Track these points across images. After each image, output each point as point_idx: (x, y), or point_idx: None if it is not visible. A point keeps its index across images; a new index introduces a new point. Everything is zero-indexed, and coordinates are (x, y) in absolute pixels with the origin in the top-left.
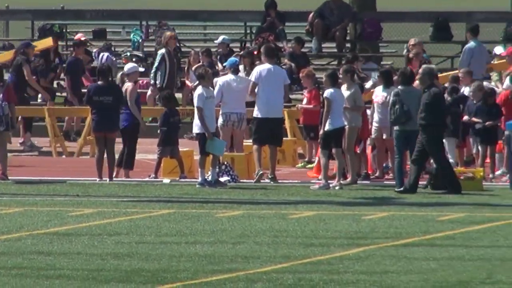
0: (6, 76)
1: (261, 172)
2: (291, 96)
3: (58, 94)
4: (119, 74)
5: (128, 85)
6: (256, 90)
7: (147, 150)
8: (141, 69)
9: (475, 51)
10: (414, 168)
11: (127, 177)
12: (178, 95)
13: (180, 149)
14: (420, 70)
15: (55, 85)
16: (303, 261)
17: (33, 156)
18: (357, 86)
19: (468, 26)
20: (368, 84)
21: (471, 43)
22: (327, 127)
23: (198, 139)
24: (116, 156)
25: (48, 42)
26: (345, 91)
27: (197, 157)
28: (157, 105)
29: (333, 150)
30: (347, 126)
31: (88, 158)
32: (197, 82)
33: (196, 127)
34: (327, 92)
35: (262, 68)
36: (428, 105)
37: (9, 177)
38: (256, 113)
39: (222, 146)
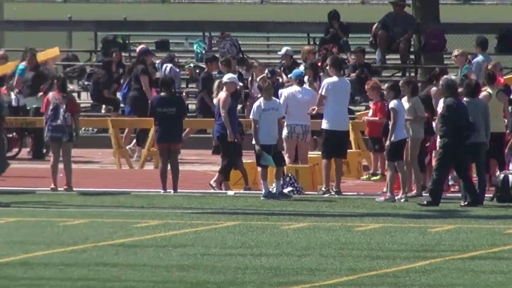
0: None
1: (329, 192)
2: (355, 108)
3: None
4: (217, 81)
5: (222, 94)
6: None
7: (212, 161)
8: (240, 84)
9: (483, 66)
10: (463, 182)
11: (226, 188)
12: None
13: (243, 161)
14: (440, 81)
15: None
16: (369, 273)
17: (97, 167)
18: (417, 97)
19: (478, 40)
20: None
21: (480, 57)
22: (392, 139)
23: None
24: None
25: (54, 52)
26: (405, 102)
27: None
28: None
29: (396, 163)
30: (409, 138)
31: (152, 169)
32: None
33: (254, 139)
34: (393, 103)
35: (331, 80)
36: (443, 117)
37: (74, 189)
38: (325, 125)
39: (269, 159)
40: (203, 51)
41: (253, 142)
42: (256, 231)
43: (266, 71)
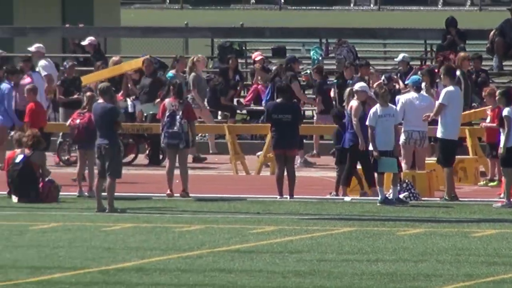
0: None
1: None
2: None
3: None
4: (347, 90)
5: (353, 103)
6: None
7: (324, 168)
8: (370, 93)
9: None
10: None
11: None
12: None
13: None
14: None
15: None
16: (485, 279)
17: (213, 173)
18: None
19: None
20: None
21: None
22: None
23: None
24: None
25: (137, 63)
26: None
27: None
28: None
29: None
30: None
31: (268, 175)
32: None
33: (371, 146)
34: (507, 111)
35: (450, 89)
36: None
37: (190, 194)
38: (440, 134)
39: (393, 164)
40: (320, 58)
41: (370, 148)
42: (373, 237)
43: (383, 77)
